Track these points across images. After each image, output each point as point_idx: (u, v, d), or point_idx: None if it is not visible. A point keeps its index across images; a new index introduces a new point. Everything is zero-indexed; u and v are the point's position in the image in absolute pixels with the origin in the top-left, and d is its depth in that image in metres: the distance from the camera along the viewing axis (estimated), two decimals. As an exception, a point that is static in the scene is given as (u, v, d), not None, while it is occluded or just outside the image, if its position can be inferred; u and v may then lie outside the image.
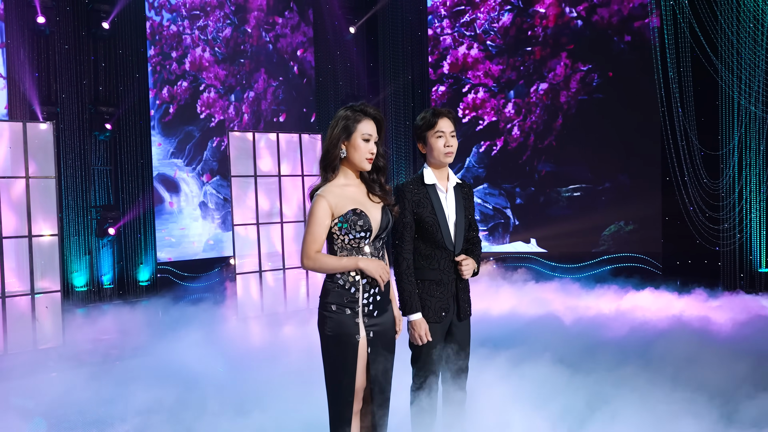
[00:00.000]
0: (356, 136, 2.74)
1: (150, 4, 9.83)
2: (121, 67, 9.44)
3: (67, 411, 4.38)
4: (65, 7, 8.97)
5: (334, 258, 2.73)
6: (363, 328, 2.74)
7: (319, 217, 2.69)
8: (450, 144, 3.03)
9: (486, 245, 10.56)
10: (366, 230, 2.72)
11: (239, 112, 10.70)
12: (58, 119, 8.98)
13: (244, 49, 10.79)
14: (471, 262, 3.07)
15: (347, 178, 2.80)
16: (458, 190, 3.13)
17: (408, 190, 3.05)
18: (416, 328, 3.00)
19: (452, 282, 3.08)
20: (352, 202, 2.73)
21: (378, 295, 2.79)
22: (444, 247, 3.04)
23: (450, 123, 3.05)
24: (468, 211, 3.14)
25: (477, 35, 10.57)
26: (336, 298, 2.72)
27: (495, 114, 10.44)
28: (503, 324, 6.12)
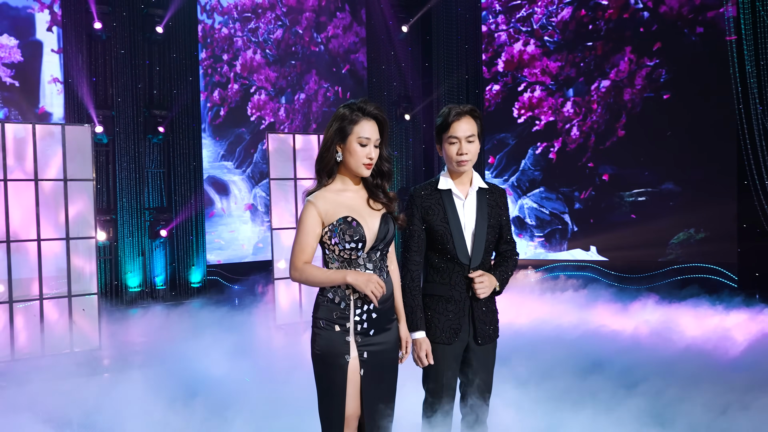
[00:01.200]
0: (352, 139, 2.46)
1: (202, 8, 9.89)
2: (174, 70, 9.53)
3: (86, 416, 4.31)
4: (122, 13, 9.13)
5: (321, 270, 2.47)
6: (354, 348, 2.46)
7: (307, 225, 2.46)
8: (464, 151, 2.66)
9: (542, 252, 10.01)
10: (357, 240, 2.44)
11: (289, 115, 10.62)
12: (114, 123, 9.15)
13: (295, 50, 10.70)
14: (488, 279, 2.68)
15: (345, 183, 2.54)
16: (483, 195, 2.76)
17: (418, 195, 2.74)
18: (416, 347, 2.68)
19: (466, 300, 2.71)
20: (345, 209, 2.47)
21: (374, 312, 2.50)
22: (456, 260, 2.68)
23: (468, 126, 2.69)
24: (494, 220, 2.76)
25: (534, 31, 10.04)
26: (325, 313, 2.48)
27: (552, 113, 9.88)
28: (550, 343, 5.61)
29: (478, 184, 2.78)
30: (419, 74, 11.40)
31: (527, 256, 10.11)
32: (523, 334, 5.89)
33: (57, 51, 8.83)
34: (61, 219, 5.80)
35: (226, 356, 5.48)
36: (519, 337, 5.63)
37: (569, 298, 7.88)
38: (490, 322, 2.77)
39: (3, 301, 5.55)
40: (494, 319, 2.80)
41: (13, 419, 4.25)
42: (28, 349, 5.66)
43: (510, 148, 10.34)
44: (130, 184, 9.29)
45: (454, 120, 2.69)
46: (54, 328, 5.77)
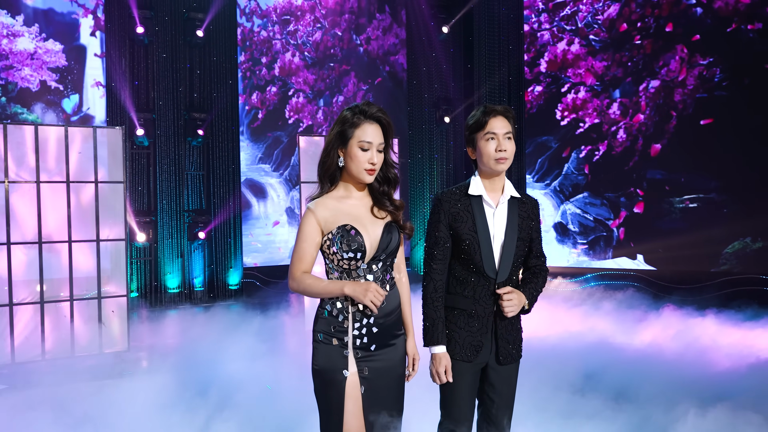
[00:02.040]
0: (353, 143, 2.33)
1: (241, 11, 9.92)
2: (214, 73, 9.59)
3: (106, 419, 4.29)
4: (164, 17, 9.25)
5: (319, 281, 2.34)
6: (353, 363, 2.33)
7: (305, 233, 2.35)
8: (503, 148, 2.47)
9: (585, 260, 9.60)
10: (356, 250, 2.31)
11: (327, 117, 10.55)
12: (155, 126, 9.27)
13: (333, 52, 10.63)
14: (518, 297, 2.47)
15: (348, 189, 2.42)
16: (514, 205, 2.56)
17: (446, 199, 2.53)
18: (435, 363, 2.49)
19: (490, 316, 2.51)
20: (346, 217, 2.35)
21: (375, 326, 2.35)
22: (481, 273, 2.49)
23: (505, 123, 2.50)
24: (525, 233, 2.55)
25: (578, 29, 9.67)
26: (323, 326, 2.36)
27: (598, 115, 9.48)
28: (583, 360, 5.28)
29: (510, 193, 2.57)
30: (461, 76, 11.16)
31: (569, 264, 9.73)
32: (554, 349, 5.59)
33: (100, 55, 9.00)
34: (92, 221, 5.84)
35: (252, 360, 5.41)
36: (549, 354, 5.33)
37: (611, 309, 7.49)
38: (513, 341, 2.57)
39: (34, 302, 5.62)
40: (518, 338, 2.60)
41: (34, 418, 4.28)
42: (59, 350, 5.72)
43: (552, 152, 9.98)
44: (169, 186, 9.39)
45: (490, 117, 2.50)
46: (84, 330, 5.81)
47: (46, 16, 8.60)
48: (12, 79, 8.40)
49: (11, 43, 8.36)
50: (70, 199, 5.74)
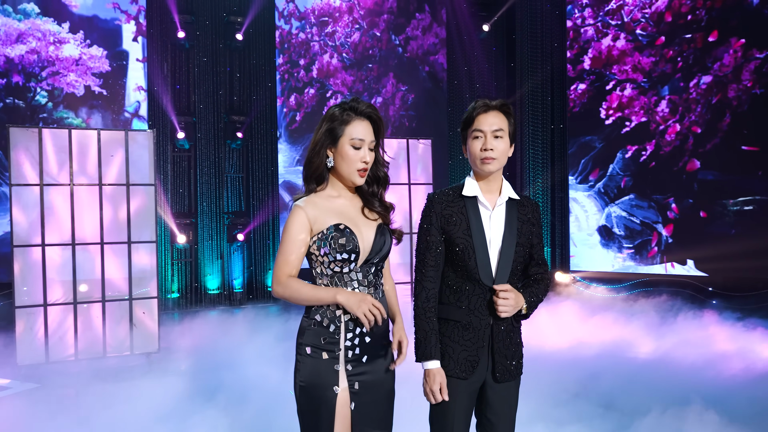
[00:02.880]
0: (344, 141, 2.17)
1: (280, 13, 9.95)
2: (254, 76, 9.66)
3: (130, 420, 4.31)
4: (204, 21, 9.36)
5: (309, 287, 2.15)
6: (344, 378, 2.15)
7: (294, 232, 2.16)
8: (488, 147, 2.26)
9: (631, 265, 9.16)
10: (350, 251, 2.14)
11: (366, 119, 10.46)
12: (195, 129, 9.40)
13: (372, 53, 10.53)
14: (515, 297, 2.26)
15: (337, 189, 2.26)
16: (513, 208, 2.35)
17: (438, 200, 2.34)
18: (428, 380, 2.28)
19: (486, 328, 2.30)
20: (337, 216, 2.19)
21: (367, 335, 2.19)
22: (477, 280, 2.28)
23: (496, 119, 2.29)
24: (524, 237, 2.34)
25: (624, 24, 9.24)
26: (312, 338, 2.16)
27: (645, 114, 9.04)
28: (612, 372, 4.97)
29: (508, 194, 2.36)
30: (503, 75, 10.88)
31: (614, 269, 9.32)
32: (585, 362, 5.30)
33: (141, 60, 9.17)
34: (124, 223, 5.91)
35: (279, 364, 5.33)
36: (577, 366, 5.06)
37: (658, 318, 7.09)
38: (512, 356, 2.35)
39: (67, 303, 5.72)
40: (518, 353, 2.38)
41: (63, 417, 4.34)
42: (91, 350, 5.80)
43: (596, 152, 9.58)
44: (209, 188, 9.49)
45: (479, 112, 2.30)
46: (115, 330, 5.88)
47: (90, 22, 8.83)
48: (58, 85, 8.65)
49: (57, 49, 8.61)
50: (102, 202, 5.81)
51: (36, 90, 8.52)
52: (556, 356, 5.67)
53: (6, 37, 8.33)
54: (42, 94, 8.55)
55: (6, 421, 4.38)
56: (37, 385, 5.25)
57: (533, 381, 4.27)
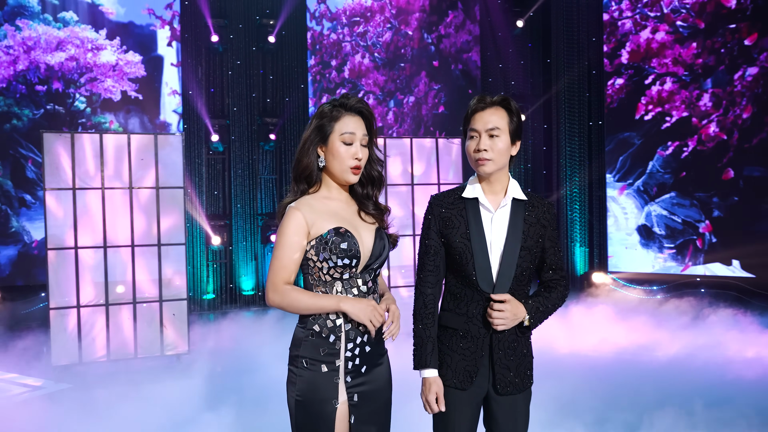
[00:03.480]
0: (334, 138, 2.07)
1: (311, 14, 9.96)
2: (286, 78, 9.70)
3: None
4: (237, 25, 9.45)
5: (309, 294, 2.04)
6: (344, 391, 2.04)
7: (289, 237, 2.03)
8: (482, 147, 2.13)
9: (672, 266, 8.82)
10: (351, 256, 2.03)
11: (398, 118, 10.38)
12: (229, 131, 9.49)
13: (404, 52, 10.45)
14: (512, 307, 2.11)
15: (330, 190, 2.15)
16: (519, 209, 2.21)
17: (438, 203, 2.24)
18: (424, 389, 2.18)
19: (485, 337, 2.17)
20: (335, 219, 2.07)
21: (368, 344, 2.09)
22: (476, 286, 2.16)
23: (494, 117, 2.16)
24: (531, 241, 2.19)
25: (664, 15, 8.90)
26: (309, 350, 2.04)
27: (686, 108, 8.68)
28: (655, 382, 4.77)
29: (513, 195, 2.23)
30: (539, 71, 10.64)
31: (655, 270, 8.99)
32: (618, 370, 5.10)
33: (176, 64, 9.31)
34: (154, 226, 5.98)
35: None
36: (603, 372, 4.87)
37: (698, 321, 6.79)
38: (515, 367, 2.20)
39: (99, 304, 5.82)
40: (524, 364, 2.23)
41: (94, 417, 4.41)
42: (123, 351, 5.90)
43: (635, 149, 9.26)
44: (243, 190, 9.58)
45: (476, 110, 2.19)
46: (146, 332, 5.97)
47: (126, 29, 9.01)
48: (96, 90, 8.86)
49: (95, 56, 8.82)
50: (133, 205, 5.90)
51: (75, 96, 8.75)
52: (584, 361, 5.49)
53: (46, 45, 8.58)
54: (81, 99, 8.77)
55: (38, 420, 4.48)
56: (70, 386, 5.36)
57: (554, 387, 4.14)
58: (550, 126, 10.24)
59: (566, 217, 9.73)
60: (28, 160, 8.55)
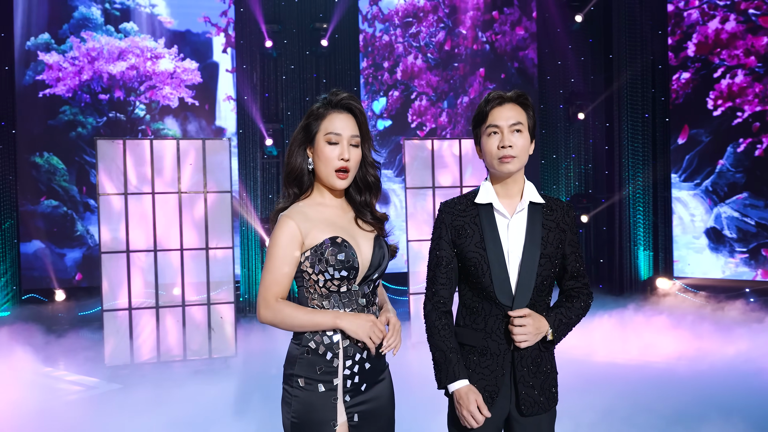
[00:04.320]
0: (319, 138, 1.93)
1: (363, 17, 9.93)
2: (339, 81, 9.70)
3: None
4: (291, 30, 9.53)
5: (304, 310, 1.90)
6: (343, 411, 1.91)
7: (283, 248, 1.89)
8: (507, 143, 1.98)
9: (745, 272, 8.23)
10: (349, 268, 1.89)
11: (452, 119, 10.20)
12: (283, 136, 9.58)
13: (458, 52, 10.26)
14: (535, 322, 1.95)
15: (324, 196, 2.01)
16: (536, 213, 2.05)
17: (448, 210, 2.09)
18: (461, 402, 1.98)
19: (506, 353, 2.01)
20: (331, 228, 1.93)
21: (367, 361, 1.95)
22: (493, 299, 2.00)
23: (514, 112, 2.01)
24: (551, 247, 2.03)
25: (734, 3, 8.33)
26: (305, 368, 1.90)
27: (760, 102, 8.09)
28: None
29: (530, 198, 2.06)
30: (601, 67, 10.20)
31: (725, 276, 8.42)
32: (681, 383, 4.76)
33: (231, 70, 9.48)
34: (202, 229, 6.07)
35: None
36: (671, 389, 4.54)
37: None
38: (540, 385, 2.03)
39: (150, 306, 5.95)
40: (549, 382, 2.06)
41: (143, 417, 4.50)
42: (173, 353, 6.00)
43: (703, 147, 8.71)
44: (297, 194, 9.64)
45: (493, 106, 2.03)
46: (194, 334, 6.05)
47: (183, 37, 9.24)
48: (155, 98, 9.13)
49: (154, 64, 9.09)
50: (182, 209, 6.00)
51: (135, 103, 9.04)
52: (645, 372, 5.17)
53: (109, 55, 8.90)
54: (140, 107, 9.05)
55: (90, 419, 4.59)
56: (121, 386, 5.49)
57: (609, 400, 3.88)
58: (611, 124, 9.80)
59: (629, 219, 9.28)
60: (92, 167, 8.89)
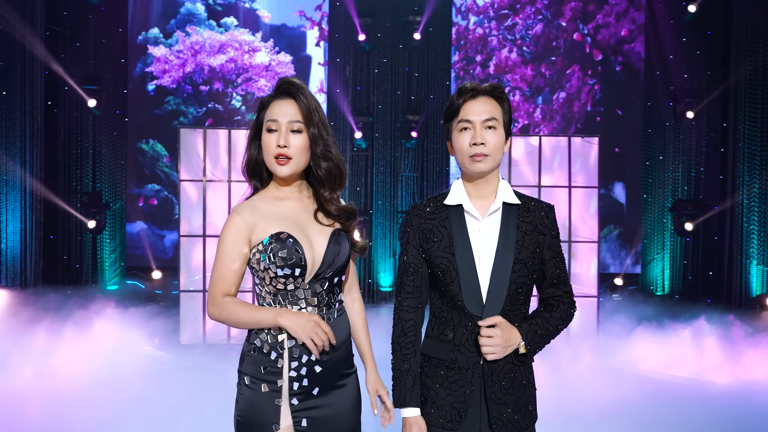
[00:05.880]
0: (263, 128, 1.88)
1: (457, 9, 9.72)
2: (431, 75, 9.61)
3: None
4: (385, 23, 9.54)
5: (248, 307, 1.84)
6: (288, 415, 1.82)
7: (227, 244, 1.85)
8: (479, 140, 1.82)
9: None
10: (293, 266, 1.80)
11: (546, 116, 9.74)
12: (372, 129, 9.63)
13: (556, 45, 9.77)
14: (504, 333, 1.78)
15: (282, 189, 1.93)
16: (511, 215, 1.87)
17: (417, 213, 1.94)
18: (404, 430, 1.88)
19: (475, 367, 1.83)
20: (279, 223, 1.85)
21: (317, 364, 1.83)
22: (462, 308, 1.83)
23: (487, 106, 1.85)
24: (527, 252, 1.84)
25: None
26: (251, 366, 1.86)
27: None
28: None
29: (504, 198, 1.88)
30: (717, 61, 9.33)
31: None
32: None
33: (323, 64, 9.64)
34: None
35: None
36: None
37: None
38: (515, 403, 1.84)
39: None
40: (524, 399, 1.86)
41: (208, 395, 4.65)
42: (243, 335, 6.20)
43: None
44: (385, 187, 9.67)
45: (466, 99, 1.87)
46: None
47: (279, 31, 9.51)
48: (250, 90, 9.47)
49: (251, 57, 9.43)
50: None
51: (232, 95, 9.43)
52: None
53: (210, 48, 9.35)
54: (237, 98, 9.43)
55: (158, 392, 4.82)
56: (191, 364, 5.75)
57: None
58: (727, 124, 8.94)
59: (741, 229, 8.42)
60: (191, 154, 9.40)
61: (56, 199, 8.30)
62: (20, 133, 7.94)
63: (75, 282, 8.77)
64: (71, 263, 8.93)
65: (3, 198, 7.91)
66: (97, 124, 8.98)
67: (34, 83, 8.05)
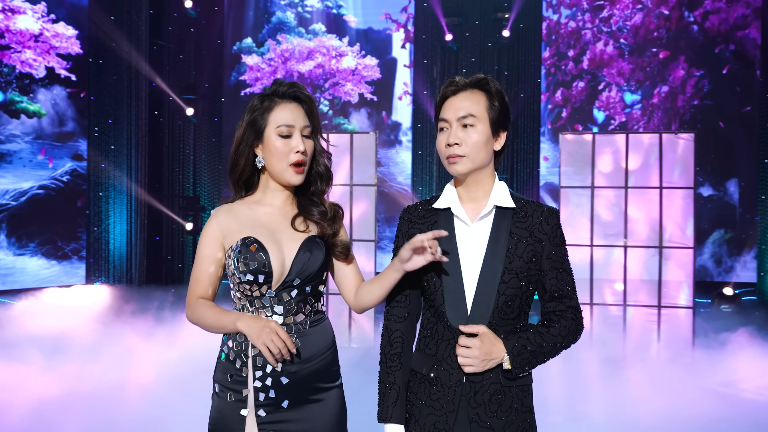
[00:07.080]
0: (269, 132, 1.79)
1: (548, 3, 9.32)
2: (521, 73, 9.27)
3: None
4: (473, 22, 9.34)
5: (215, 310, 1.78)
6: (254, 426, 1.74)
7: (203, 247, 1.82)
8: (453, 141, 1.68)
9: None
10: (255, 272, 1.73)
11: (646, 112, 9.09)
12: (459, 130, 9.47)
13: (657, 35, 9.08)
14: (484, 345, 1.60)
15: (267, 194, 1.86)
16: (504, 220, 1.69)
17: (406, 217, 1.82)
18: None
19: (456, 385, 1.66)
20: (250, 229, 1.79)
21: (283, 376, 1.74)
22: (446, 321, 1.68)
23: (468, 103, 1.69)
24: (520, 261, 1.66)
25: None
26: (219, 374, 1.81)
27: None
28: None
29: (496, 202, 1.70)
30: None
31: None
32: None
33: (408, 65, 9.59)
34: (347, 221, 6.23)
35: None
36: None
37: None
38: (503, 428, 1.64)
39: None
40: (515, 425, 1.66)
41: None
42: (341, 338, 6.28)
43: None
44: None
45: (447, 96, 1.73)
46: (336, 323, 6.25)
47: (365, 35, 9.59)
48: (337, 94, 9.62)
49: (338, 62, 9.58)
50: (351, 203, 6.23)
51: (320, 100, 9.62)
52: None
53: (299, 55, 9.60)
54: (324, 103, 9.62)
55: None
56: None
57: None
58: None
59: None
60: (281, 159, 9.72)
61: (158, 204, 8.86)
62: (126, 141, 8.56)
63: (178, 281, 9.31)
64: (174, 263, 9.50)
65: (111, 202, 8.56)
66: (197, 131, 9.49)
67: (139, 95, 8.64)
